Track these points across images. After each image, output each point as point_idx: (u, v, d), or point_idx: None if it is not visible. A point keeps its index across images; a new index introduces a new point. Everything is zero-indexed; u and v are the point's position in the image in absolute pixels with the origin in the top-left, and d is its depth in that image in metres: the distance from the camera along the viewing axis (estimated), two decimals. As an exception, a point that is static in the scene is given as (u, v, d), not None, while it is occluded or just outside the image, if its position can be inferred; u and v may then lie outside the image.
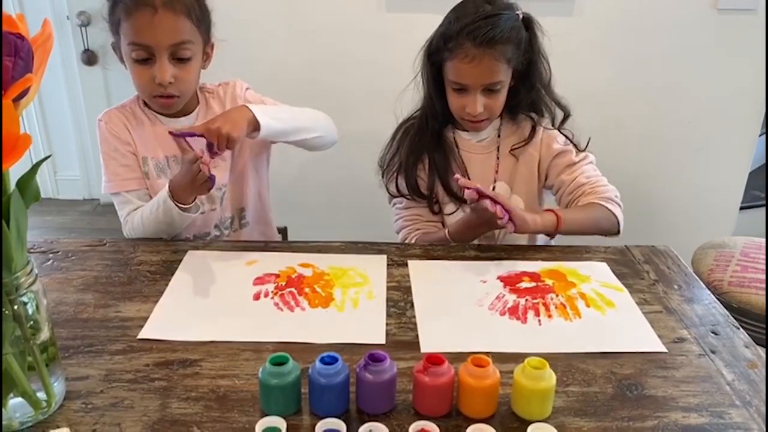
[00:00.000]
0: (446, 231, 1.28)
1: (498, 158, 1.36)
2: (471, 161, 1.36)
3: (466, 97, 1.25)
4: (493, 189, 1.33)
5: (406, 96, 1.39)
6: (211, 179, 1.13)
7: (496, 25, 1.20)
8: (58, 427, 0.75)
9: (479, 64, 1.21)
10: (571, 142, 1.35)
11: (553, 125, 1.36)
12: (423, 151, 1.34)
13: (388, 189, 1.39)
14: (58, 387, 0.78)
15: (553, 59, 1.32)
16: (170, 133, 1.27)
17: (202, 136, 1.15)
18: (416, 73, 1.35)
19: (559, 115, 1.36)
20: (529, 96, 1.33)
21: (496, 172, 1.36)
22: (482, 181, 1.33)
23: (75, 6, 2.80)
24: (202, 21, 1.23)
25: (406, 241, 1.35)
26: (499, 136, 1.37)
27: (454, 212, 1.35)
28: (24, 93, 0.65)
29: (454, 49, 1.22)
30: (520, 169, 1.36)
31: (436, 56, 1.28)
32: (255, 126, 1.19)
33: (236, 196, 1.39)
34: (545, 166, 1.36)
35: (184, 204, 1.18)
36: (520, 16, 1.25)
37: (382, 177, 1.40)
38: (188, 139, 1.25)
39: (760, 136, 2.19)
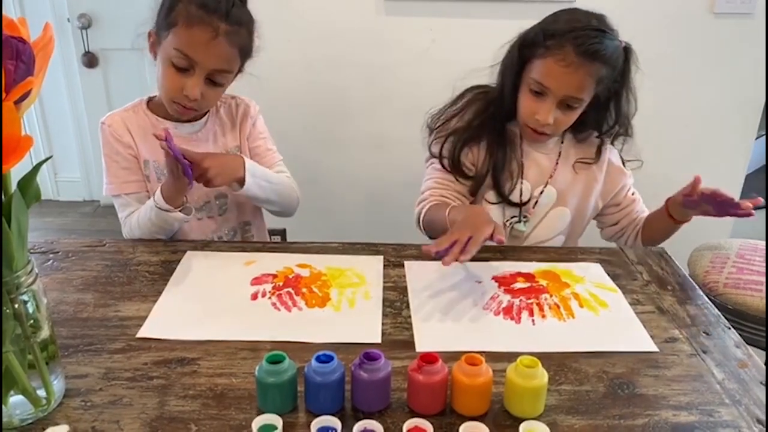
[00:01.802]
0: (447, 211, 1.20)
1: (557, 163, 1.33)
2: (530, 157, 1.33)
3: (541, 103, 1.21)
4: (542, 192, 1.33)
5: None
6: (177, 157, 1.11)
7: (602, 42, 1.16)
8: (57, 424, 0.76)
9: (572, 73, 1.16)
10: (622, 160, 1.38)
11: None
12: (484, 134, 1.30)
13: (431, 148, 1.35)
14: (57, 385, 0.79)
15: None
16: (156, 135, 1.16)
17: (189, 161, 1.14)
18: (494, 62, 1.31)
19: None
20: (602, 125, 1.31)
21: (551, 176, 1.33)
22: (535, 180, 1.33)
23: (75, 8, 2.82)
24: (246, 55, 1.26)
25: (423, 203, 1.31)
26: (562, 142, 1.34)
27: (496, 203, 1.33)
28: (25, 96, 0.66)
29: (553, 49, 1.17)
30: (576, 185, 1.35)
31: (528, 50, 1.22)
32: (240, 182, 1.23)
33: (240, 209, 1.40)
34: (607, 192, 1.37)
35: (175, 206, 1.19)
36: (623, 44, 1.22)
37: (429, 134, 1.36)
38: (171, 145, 1.19)
39: (756, 138, 2.20)
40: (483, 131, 1.31)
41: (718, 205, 1.18)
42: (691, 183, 1.20)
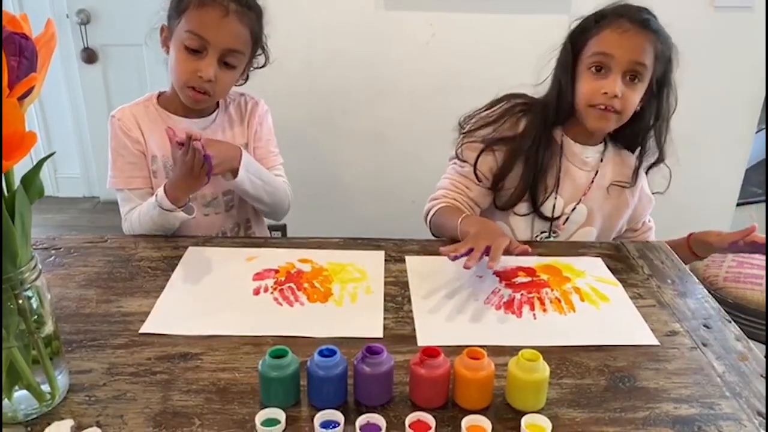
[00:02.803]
0: (459, 220, 1.18)
1: (593, 182, 1.32)
2: (569, 172, 1.30)
3: (605, 78, 1.19)
4: (573, 210, 1.31)
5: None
6: (207, 159, 1.12)
7: (652, 17, 1.21)
8: (62, 419, 0.76)
9: (632, 38, 1.18)
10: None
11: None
12: (526, 143, 1.27)
13: (461, 152, 1.32)
14: (61, 380, 0.80)
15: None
16: (166, 130, 1.19)
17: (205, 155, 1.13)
18: (539, 79, 1.29)
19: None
20: (647, 127, 1.29)
21: (585, 194, 1.31)
22: (569, 196, 1.31)
23: (74, 4, 2.81)
24: (257, 41, 1.28)
25: (435, 202, 1.30)
26: (601, 160, 1.32)
27: (526, 214, 1.31)
28: (28, 92, 0.66)
29: (607, 24, 1.19)
30: (606, 206, 1.33)
31: (580, 37, 1.23)
32: (234, 173, 1.23)
33: (244, 206, 1.40)
34: (634, 219, 1.38)
35: (179, 205, 1.19)
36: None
37: (460, 135, 1.33)
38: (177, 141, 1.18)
39: (756, 132, 2.20)
40: (528, 140, 1.27)
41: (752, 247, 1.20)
42: (744, 232, 1.19)
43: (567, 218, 1.32)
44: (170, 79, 1.28)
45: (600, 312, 1.02)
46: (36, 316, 0.76)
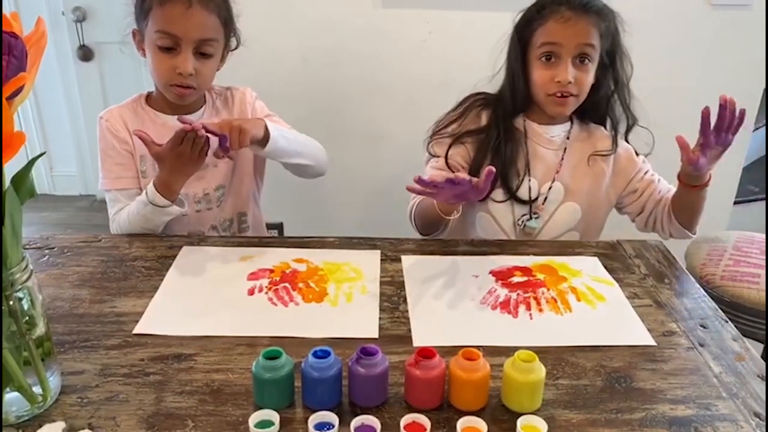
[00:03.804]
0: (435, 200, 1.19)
1: (563, 159, 1.34)
2: (536, 154, 1.34)
3: (556, 66, 1.23)
4: (550, 189, 1.33)
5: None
6: (221, 140, 1.10)
7: None
8: (53, 421, 0.76)
9: (575, 25, 1.22)
10: (635, 151, 1.38)
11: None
12: (495, 134, 1.31)
13: (431, 148, 1.37)
14: (53, 381, 0.79)
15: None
16: (179, 119, 1.15)
17: (212, 133, 1.12)
18: (495, 69, 1.33)
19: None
20: (607, 96, 1.32)
21: (557, 172, 1.34)
22: (542, 177, 1.33)
23: (70, 2, 2.80)
24: (228, 24, 1.27)
25: (415, 200, 1.30)
26: (567, 138, 1.35)
27: (504, 200, 1.33)
28: (18, 91, 0.66)
29: (548, 15, 1.23)
30: (584, 179, 1.34)
31: (525, 29, 1.27)
32: (264, 138, 1.20)
33: (237, 200, 1.39)
34: (619, 183, 1.37)
35: (171, 199, 1.18)
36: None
37: (431, 136, 1.38)
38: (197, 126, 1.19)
39: (753, 131, 2.20)
40: (492, 132, 1.31)
41: (716, 136, 1.16)
42: (682, 148, 1.18)
43: (545, 198, 1.33)
44: (152, 80, 1.28)
45: (596, 312, 1.02)
46: (27, 318, 0.75)
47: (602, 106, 1.34)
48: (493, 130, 1.31)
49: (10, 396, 0.75)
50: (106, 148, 1.29)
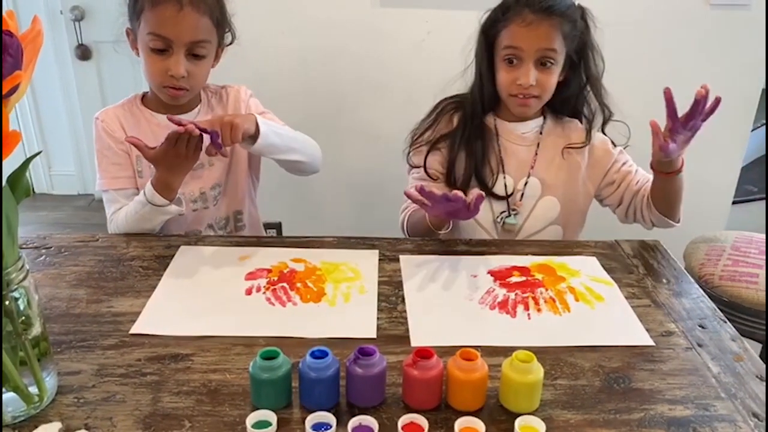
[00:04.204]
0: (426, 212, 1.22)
1: (536, 154, 1.35)
2: (509, 150, 1.35)
3: (518, 69, 1.24)
4: (525, 184, 1.34)
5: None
6: (212, 137, 1.09)
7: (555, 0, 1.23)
8: (50, 421, 0.75)
9: (536, 29, 1.22)
10: (612, 143, 1.38)
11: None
12: (462, 134, 1.34)
13: (410, 159, 1.39)
14: (50, 381, 0.79)
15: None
16: (169, 118, 1.14)
17: (203, 130, 1.12)
18: (465, 65, 1.36)
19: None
20: (578, 92, 1.33)
21: (532, 167, 1.34)
22: (516, 173, 1.34)
23: (68, 1, 2.79)
24: (221, 24, 1.26)
25: (406, 210, 1.34)
26: (541, 133, 1.36)
27: None
28: (13, 90, 0.65)
29: (511, 17, 1.24)
30: (559, 173, 1.35)
31: (491, 30, 1.28)
32: (254, 135, 1.19)
33: (232, 198, 1.39)
34: (595, 175, 1.37)
35: (170, 198, 1.18)
36: (576, 2, 1.27)
37: (409, 147, 1.39)
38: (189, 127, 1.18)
39: (752, 131, 2.20)
40: (462, 132, 1.34)
41: (685, 122, 1.14)
42: (655, 133, 1.15)
43: (522, 194, 1.34)
44: (146, 81, 1.28)
45: (595, 312, 1.02)
46: (23, 318, 0.75)
47: (572, 101, 1.35)
48: (464, 129, 1.34)
49: (6, 396, 0.75)
50: (103, 149, 1.29)
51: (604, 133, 1.38)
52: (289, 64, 2.02)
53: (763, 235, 1.68)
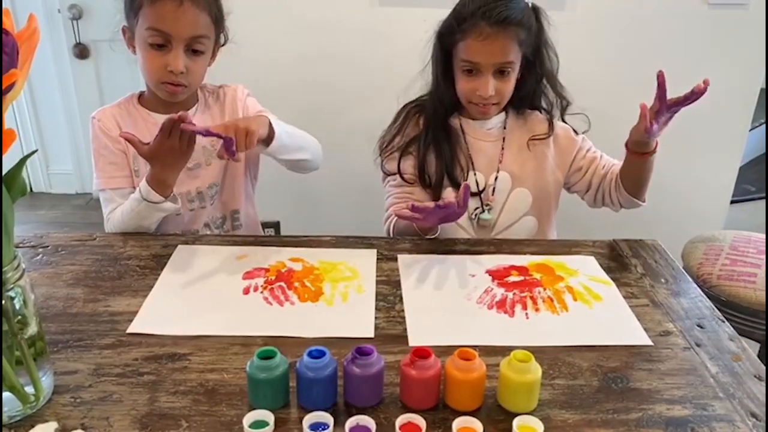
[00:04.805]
0: None
1: (503, 149, 1.37)
2: (476, 147, 1.36)
3: (477, 79, 1.26)
4: (496, 179, 1.35)
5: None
6: (227, 143, 1.05)
7: (510, 7, 1.23)
8: (46, 421, 0.75)
9: (493, 43, 1.22)
10: (574, 130, 1.41)
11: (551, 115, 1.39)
12: (427, 137, 1.35)
13: (384, 167, 1.41)
14: (46, 381, 0.78)
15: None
16: (181, 121, 1.11)
17: (217, 135, 1.07)
18: (425, 63, 1.37)
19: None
20: (535, 87, 1.35)
21: (500, 161, 1.36)
22: (486, 169, 1.36)
23: (66, -1, 2.79)
24: (219, 21, 1.27)
25: (389, 219, 1.35)
26: (504, 128, 1.38)
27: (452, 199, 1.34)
28: (9, 89, 0.65)
29: (468, 30, 1.23)
30: (528, 164, 1.37)
31: (447, 38, 1.29)
32: (269, 136, 1.19)
33: (229, 197, 1.39)
34: (563, 162, 1.39)
35: (165, 195, 1.18)
36: (530, 4, 1.28)
37: (380, 155, 1.41)
38: (199, 130, 1.12)
39: (750, 130, 2.20)
40: (427, 134, 1.35)
41: (671, 108, 1.15)
42: (642, 114, 1.15)
43: (493, 188, 1.35)
44: (143, 78, 1.27)
45: (593, 311, 1.02)
46: (19, 317, 0.74)
47: (530, 97, 1.37)
48: (429, 131, 1.35)
49: (2, 396, 0.74)
50: (99, 148, 1.29)
51: (564, 122, 1.40)
52: (288, 63, 2.02)
53: (762, 235, 1.68)
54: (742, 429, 0.77)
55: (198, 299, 1.02)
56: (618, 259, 1.18)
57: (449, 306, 1.02)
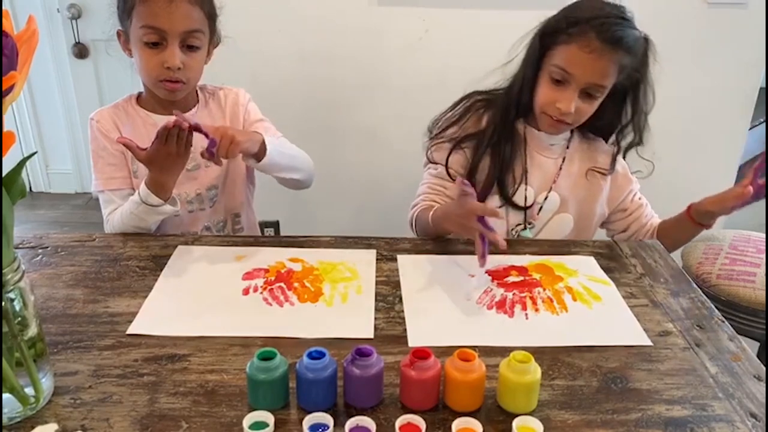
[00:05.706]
0: (431, 212, 1.20)
1: (561, 168, 1.32)
2: (535, 161, 1.31)
3: (562, 92, 1.19)
4: (546, 198, 1.32)
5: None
6: (211, 142, 1.07)
7: (625, 30, 1.16)
8: (46, 422, 0.75)
9: (596, 60, 1.15)
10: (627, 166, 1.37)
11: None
12: (492, 137, 1.28)
13: (431, 154, 1.34)
14: (46, 382, 0.78)
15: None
16: (176, 114, 1.12)
17: (205, 133, 1.08)
18: (506, 60, 1.29)
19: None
20: (614, 120, 1.29)
21: (554, 182, 1.32)
22: (538, 185, 1.31)
23: (65, -1, 2.78)
24: (212, 16, 1.27)
25: (415, 208, 1.30)
26: (567, 147, 1.33)
27: (499, 207, 1.29)
28: (8, 91, 0.65)
29: (576, 36, 1.16)
30: (579, 191, 1.33)
31: (550, 38, 1.21)
32: (260, 154, 1.19)
33: (230, 201, 1.39)
34: (613, 199, 1.36)
35: (164, 198, 1.18)
36: (643, 35, 1.22)
37: (429, 139, 1.34)
38: (193, 124, 1.13)
39: (750, 129, 2.20)
40: (493, 135, 1.28)
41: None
42: (738, 192, 1.18)
43: (540, 207, 1.32)
44: (141, 79, 1.27)
45: (592, 312, 1.02)
46: (19, 318, 0.74)
47: (611, 130, 1.32)
48: (493, 132, 1.28)
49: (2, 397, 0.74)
50: (98, 149, 1.29)
51: (624, 157, 1.36)
52: (286, 62, 2.02)
53: (761, 234, 1.68)
54: (742, 429, 0.77)
55: (198, 300, 1.02)
56: (617, 259, 1.18)
57: (449, 306, 1.02)
